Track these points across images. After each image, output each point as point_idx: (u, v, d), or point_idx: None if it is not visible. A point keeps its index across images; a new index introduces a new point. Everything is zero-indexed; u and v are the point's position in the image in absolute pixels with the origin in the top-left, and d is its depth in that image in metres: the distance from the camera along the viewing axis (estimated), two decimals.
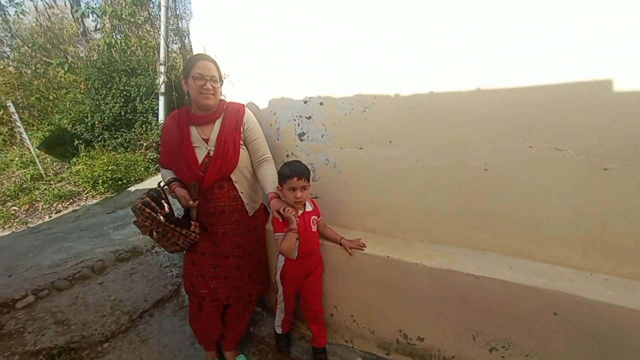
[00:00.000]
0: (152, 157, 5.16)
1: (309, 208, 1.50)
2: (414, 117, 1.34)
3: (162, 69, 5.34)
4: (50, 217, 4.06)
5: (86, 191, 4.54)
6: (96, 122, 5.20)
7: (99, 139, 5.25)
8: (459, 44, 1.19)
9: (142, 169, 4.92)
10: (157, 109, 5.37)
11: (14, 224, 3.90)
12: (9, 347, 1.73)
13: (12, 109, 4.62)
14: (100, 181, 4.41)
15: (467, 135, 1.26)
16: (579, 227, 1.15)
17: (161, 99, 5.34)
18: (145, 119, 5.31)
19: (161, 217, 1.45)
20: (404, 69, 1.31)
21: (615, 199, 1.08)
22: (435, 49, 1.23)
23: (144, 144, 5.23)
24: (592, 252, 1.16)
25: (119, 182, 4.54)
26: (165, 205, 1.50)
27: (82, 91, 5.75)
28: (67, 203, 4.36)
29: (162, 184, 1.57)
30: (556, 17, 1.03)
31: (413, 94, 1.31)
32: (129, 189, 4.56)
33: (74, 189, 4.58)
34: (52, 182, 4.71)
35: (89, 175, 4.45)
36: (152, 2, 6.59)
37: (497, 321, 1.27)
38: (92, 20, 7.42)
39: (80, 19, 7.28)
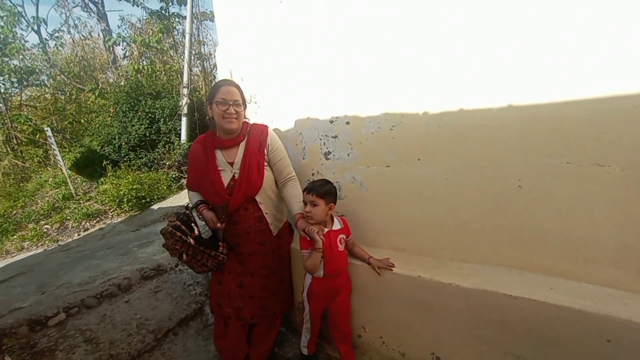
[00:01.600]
0: (174, 176, 5.33)
1: (336, 226, 1.49)
2: (443, 135, 1.33)
3: (185, 91, 5.61)
4: (79, 234, 4.22)
5: (112, 210, 4.71)
6: (123, 143, 5.46)
7: (125, 159, 5.49)
8: (488, 60, 1.20)
9: (165, 187, 5.08)
10: (180, 130, 5.60)
11: (46, 241, 4.08)
12: None
13: (49, 133, 4.93)
14: (125, 200, 4.57)
15: (499, 152, 1.25)
16: (628, 246, 1.09)
17: (183, 119, 5.58)
18: (168, 139, 5.54)
19: (191, 240, 1.47)
20: (432, 87, 1.32)
21: None
22: (464, 65, 1.24)
23: (167, 163, 5.43)
24: None
25: (143, 201, 4.69)
26: (195, 227, 1.52)
27: (110, 114, 6.09)
28: (95, 221, 4.53)
29: (189, 206, 1.60)
30: (591, 30, 1.03)
31: (442, 111, 1.32)
32: (152, 207, 4.69)
33: (100, 207, 4.77)
34: (81, 201, 4.92)
35: (115, 194, 4.63)
36: (177, 30, 7.05)
37: (540, 346, 1.19)
38: (122, 49, 7.98)
39: (111, 48, 7.83)
